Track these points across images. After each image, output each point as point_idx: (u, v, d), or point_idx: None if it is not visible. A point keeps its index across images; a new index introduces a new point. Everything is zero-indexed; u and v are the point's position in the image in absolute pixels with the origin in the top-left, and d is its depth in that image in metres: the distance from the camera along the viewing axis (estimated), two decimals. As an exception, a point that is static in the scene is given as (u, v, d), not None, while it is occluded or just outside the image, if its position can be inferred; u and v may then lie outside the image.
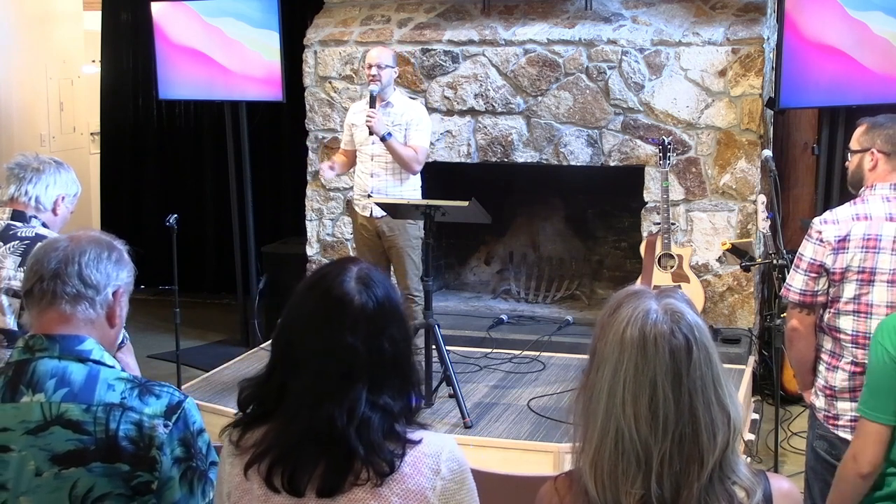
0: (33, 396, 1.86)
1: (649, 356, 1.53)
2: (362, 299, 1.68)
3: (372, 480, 1.62)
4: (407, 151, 5.02)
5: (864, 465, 2.37)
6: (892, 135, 3.03)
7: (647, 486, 1.52)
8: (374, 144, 5.06)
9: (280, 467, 1.65)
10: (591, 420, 1.57)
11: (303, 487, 1.64)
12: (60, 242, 1.98)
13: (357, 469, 1.63)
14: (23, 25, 7.57)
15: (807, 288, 3.02)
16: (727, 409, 1.55)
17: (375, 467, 1.62)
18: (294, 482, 1.64)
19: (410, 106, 5.22)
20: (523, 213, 6.57)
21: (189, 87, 6.44)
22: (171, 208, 5.36)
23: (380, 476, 1.62)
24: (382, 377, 1.67)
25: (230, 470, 1.72)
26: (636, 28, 5.60)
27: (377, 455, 1.63)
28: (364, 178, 5.14)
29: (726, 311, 5.56)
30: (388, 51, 5.20)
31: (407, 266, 5.11)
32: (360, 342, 1.66)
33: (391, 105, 5.10)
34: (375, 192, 5.06)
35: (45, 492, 1.83)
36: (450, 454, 1.69)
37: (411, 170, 5.08)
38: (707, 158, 5.52)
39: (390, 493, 1.63)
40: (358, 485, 1.63)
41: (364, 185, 5.13)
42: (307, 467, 1.64)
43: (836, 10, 5.07)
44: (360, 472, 1.63)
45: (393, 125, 5.02)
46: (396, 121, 5.06)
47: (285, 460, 1.64)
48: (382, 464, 1.63)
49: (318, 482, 1.63)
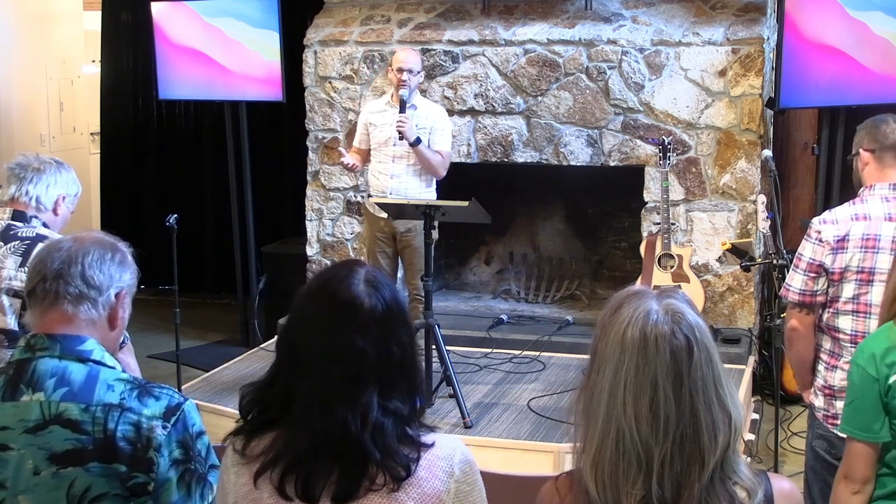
0: (33, 395, 1.86)
1: (650, 357, 1.53)
2: (372, 302, 1.67)
3: (388, 485, 1.61)
4: (435, 157, 5.02)
5: (857, 484, 2.37)
6: (874, 131, 3.04)
7: (647, 487, 1.52)
8: (395, 146, 5.02)
9: (293, 475, 1.62)
10: (592, 420, 1.56)
11: (317, 494, 1.61)
12: (64, 243, 1.98)
13: (372, 474, 1.61)
14: (23, 25, 7.57)
15: (806, 288, 3.03)
16: (728, 409, 1.55)
17: (392, 472, 1.61)
18: (308, 489, 1.61)
19: (433, 109, 5.21)
20: (523, 213, 6.57)
21: (189, 87, 6.44)
22: (171, 208, 5.35)
23: (396, 481, 1.61)
24: (391, 381, 1.66)
25: (236, 479, 1.69)
26: (636, 28, 5.60)
27: (393, 459, 1.61)
28: (383, 179, 5.09)
29: (726, 311, 5.56)
30: (416, 55, 5.15)
31: (419, 265, 5.01)
32: (370, 345, 1.64)
33: (415, 108, 5.05)
34: (395, 193, 5.00)
35: (43, 491, 1.83)
36: (462, 456, 1.69)
37: (438, 175, 5.08)
38: (707, 158, 5.52)
39: (407, 498, 1.62)
40: (373, 490, 1.61)
41: (383, 187, 5.07)
42: (321, 474, 1.61)
43: (836, 10, 5.07)
44: (376, 477, 1.61)
45: (418, 128, 4.98)
46: (421, 124, 5.02)
47: (298, 467, 1.62)
48: (399, 468, 1.61)
49: (332, 489, 1.61)
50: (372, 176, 5.18)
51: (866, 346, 2.38)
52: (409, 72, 4.97)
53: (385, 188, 5.06)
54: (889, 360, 2.29)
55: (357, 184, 6.09)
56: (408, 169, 5.05)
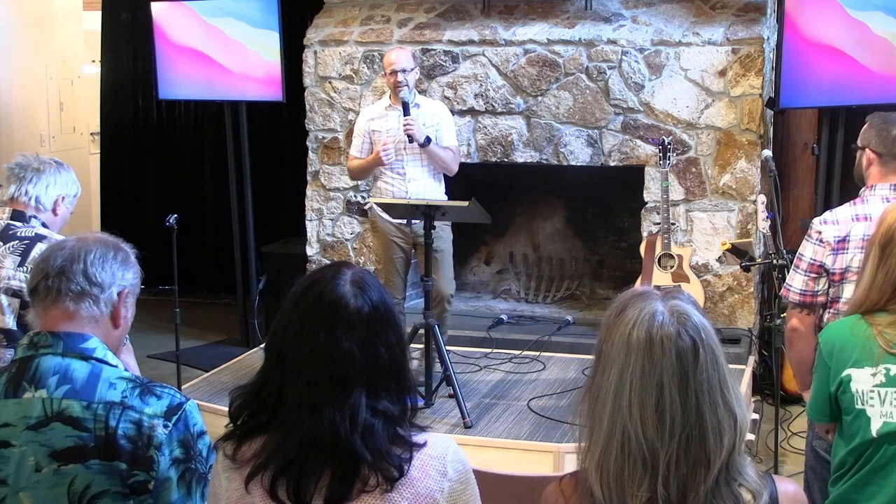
0: (35, 392, 1.87)
1: (656, 358, 1.52)
2: (358, 303, 1.67)
3: (381, 486, 1.61)
4: (447, 153, 4.91)
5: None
6: (886, 136, 3.03)
7: (653, 489, 1.52)
8: (405, 150, 4.85)
9: (284, 478, 1.62)
10: (597, 422, 1.56)
11: (309, 497, 1.61)
12: (68, 242, 2.00)
13: (365, 476, 1.61)
14: (23, 25, 7.57)
15: (807, 288, 3.02)
16: (734, 411, 1.55)
17: (384, 473, 1.61)
18: (300, 492, 1.61)
19: (436, 106, 5.11)
20: (523, 213, 6.57)
21: (189, 87, 6.43)
22: (171, 208, 5.34)
23: (389, 482, 1.61)
24: (379, 381, 1.66)
25: (227, 485, 1.69)
26: (636, 28, 5.60)
27: (385, 460, 1.61)
28: (398, 184, 4.92)
29: (726, 311, 5.56)
30: (406, 52, 4.99)
31: (445, 271, 4.95)
32: (356, 346, 1.65)
33: (418, 107, 4.93)
34: (416, 196, 4.81)
35: (44, 488, 1.83)
36: (454, 455, 1.69)
37: (451, 171, 4.96)
38: (707, 158, 5.52)
39: (400, 498, 1.62)
40: (366, 491, 1.61)
41: (400, 194, 4.89)
42: (312, 476, 1.61)
43: (836, 10, 5.07)
44: (369, 478, 1.61)
45: (425, 127, 4.87)
46: (428, 122, 4.91)
47: (289, 470, 1.62)
48: (391, 469, 1.61)
49: (325, 491, 1.61)
50: (385, 183, 4.97)
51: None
52: (402, 71, 4.82)
53: (404, 193, 4.88)
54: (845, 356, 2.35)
55: (357, 184, 6.09)
56: (423, 170, 4.92)
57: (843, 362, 2.33)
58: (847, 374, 2.33)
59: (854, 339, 2.34)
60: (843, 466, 2.39)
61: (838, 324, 2.47)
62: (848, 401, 2.34)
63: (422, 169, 4.93)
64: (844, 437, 2.39)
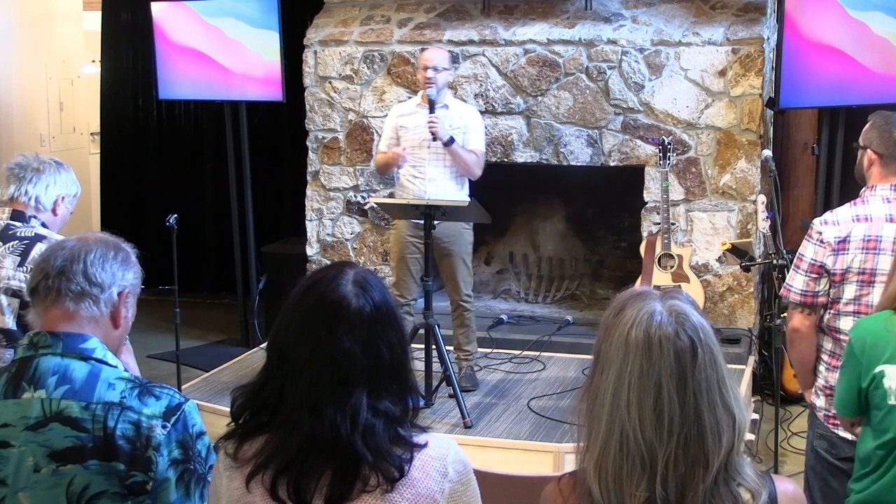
0: (34, 392, 1.87)
1: (654, 358, 1.52)
2: (360, 303, 1.67)
3: (382, 486, 1.61)
4: (470, 156, 4.85)
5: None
6: (888, 138, 3.02)
7: (651, 489, 1.52)
8: (429, 148, 4.83)
9: (284, 477, 1.62)
10: (596, 422, 1.56)
11: (309, 497, 1.61)
12: (68, 242, 2.00)
13: (365, 476, 1.61)
14: (23, 25, 7.57)
15: (807, 289, 3.02)
16: (732, 410, 1.54)
17: (385, 473, 1.61)
18: (300, 492, 1.61)
19: (466, 109, 5.07)
20: (523, 213, 6.57)
21: (189, 87, 6.43)
22: (171, 208, 5.35)
23: (390, 482, 1.61)
24: (380, 382, 1.66)
25: (228, 483, 1.69)
26: (636, 28, 5.59)
27: (386, 461, 1.61)
28: (419, 183, 4.89)
29: (726, 311, 5.56)
30: (443, 52, 4.99)
31: (462, 274, 4.93)
32: (357, 346, 1.64)
33: (447, 108, 4.90)
34: (434, 198, 4.77)
35: (43, 488, 1.83)
36: (455, 456, 1.69)
37: (474, 174, 4.91)
38: (707, 158, 5.52)
39: (400, 499, 1.62)
40: (367, 491, 1.61)
41: (420, 192, 4.86)
42: (313, 476, 1.61)
43: (836, 10, 5.07)
44: (369, 478, 1.61)
45: (451, 128, 4.82)
46: (455, 124, 4.86)
47: (289, 470, 1.62)
48: (392, 469, 1.61)
49: (325, 491, 1.61)
50: (407, 181, 4.94)
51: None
52: (433, 69, 4.79)
53: (423, 193, 4.85)
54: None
55: (357, 184, 6.09)
56: (444, 171, 4.87)
57: (877, 358, 2.33)
58: (880, 370, 2.33)
59: (888, 335, 2.34)
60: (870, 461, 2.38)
61: (870, 319, 2.46)
62: (880, 396, 2.33)
63: (444, 170, 4.88)
64: (874, 432, 2.38)
